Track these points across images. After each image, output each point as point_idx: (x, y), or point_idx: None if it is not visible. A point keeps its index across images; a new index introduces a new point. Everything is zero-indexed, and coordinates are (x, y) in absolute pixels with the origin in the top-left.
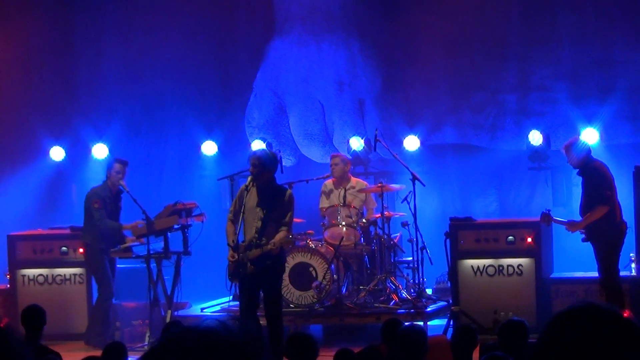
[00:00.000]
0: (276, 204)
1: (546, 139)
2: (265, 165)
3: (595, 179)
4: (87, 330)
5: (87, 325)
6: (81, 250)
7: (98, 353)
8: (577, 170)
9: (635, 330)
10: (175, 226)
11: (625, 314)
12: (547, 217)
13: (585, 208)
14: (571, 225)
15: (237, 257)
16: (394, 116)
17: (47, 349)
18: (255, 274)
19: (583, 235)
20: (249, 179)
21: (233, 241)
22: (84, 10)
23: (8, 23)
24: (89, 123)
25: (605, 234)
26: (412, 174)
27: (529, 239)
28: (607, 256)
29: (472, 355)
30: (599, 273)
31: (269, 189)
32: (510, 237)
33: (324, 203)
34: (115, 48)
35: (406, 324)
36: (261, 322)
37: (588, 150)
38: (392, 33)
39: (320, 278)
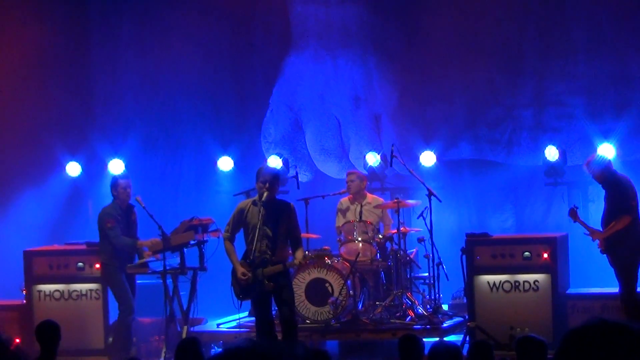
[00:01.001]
0: (283, 220)
1: (562, 154)
2: (278, 182)
3: (618, 190)
4: (110, 346)
5: (111, 341)
6: (97, 266)
7: None
8: (601, 184)
9: None
10: (192, 242)
11: None
12: (574, 213)
13: (607, 219)
14: (593, 232)
15: (249, 275)
16: (410, 132)
17: None
18: (270, 291)
19: (600, 248)
20: (265, 195)
21: (250, 258)
22: (101, 26)
23: (24, 38)
24: (105, 138)
25: (625, 245)
26: (428, 189)
27: (545, 255)
28: (627, 268)
29: None
30: (619, 288)
31: (273, 205)
32: (527, 253)
33: (340, 221)
34: (132, 64)
35: (438, 340)
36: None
37: (608, 163)
38: (408, 48)
39: (336, 294)
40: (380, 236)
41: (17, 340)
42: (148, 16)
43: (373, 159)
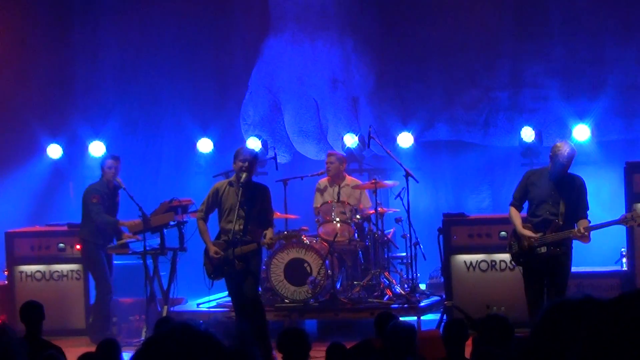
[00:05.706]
0: (258, 202)
1: (538, 135)
2: (257, 164)
3: None
4: (90, 326)
5: (91, 321)
6: (78, 247)
7: None
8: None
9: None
10: (171, 223)
11: None
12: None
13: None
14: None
15: (222, 253)
16: (388, 113)
17: (48, 344)
18: (241, 271)
19: None
20: (244, 176)
21: (227, 237)
22: (81, 8)
23: (4, 20)
24: (86, 120)
25: None
26: (405, 170)
27: None
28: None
29: (464, 348)
30: None
31: (249, 187)
32: (503, 233)
33: (318, 202)
34: (112, 46)
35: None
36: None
37: None
38: (386, 31)
39: (314, 274)
40: (358, 216)
41: (2, 317)
42: None
43: (351, 140)
